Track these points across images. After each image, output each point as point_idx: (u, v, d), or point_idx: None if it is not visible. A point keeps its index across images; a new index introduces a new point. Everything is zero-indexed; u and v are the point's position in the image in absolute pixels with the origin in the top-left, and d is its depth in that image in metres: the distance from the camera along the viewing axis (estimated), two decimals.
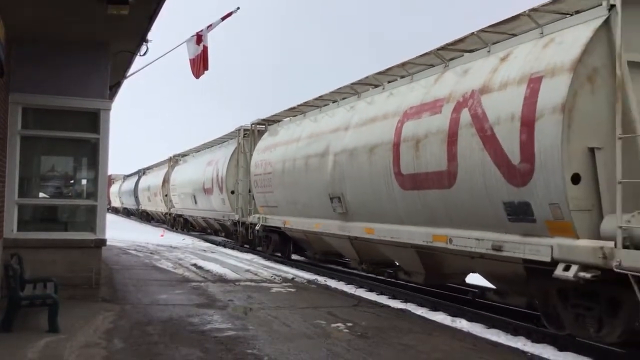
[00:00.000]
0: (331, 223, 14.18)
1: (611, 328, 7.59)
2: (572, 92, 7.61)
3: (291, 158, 16.22)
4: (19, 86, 10.33)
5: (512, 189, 8.47)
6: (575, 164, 7.60)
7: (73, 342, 7.19)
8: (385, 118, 11.86)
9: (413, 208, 10.88)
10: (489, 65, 9.59)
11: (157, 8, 8.94)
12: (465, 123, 9.39)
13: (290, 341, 7.61)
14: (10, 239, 10.05)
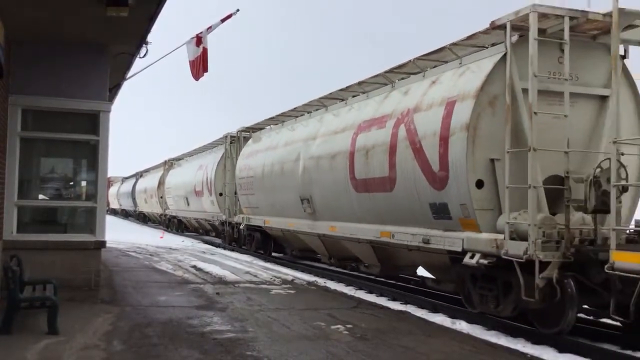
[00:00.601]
0: (303, 222, 15.84)
1: (505, 305, 9.24)
2: (476, 114, 9.36)
3: (270, 163, 17.94)
4: (18, 88, 10.34)
5: (434, 192, 10.18)
6: (478, 172, 9.34)
7: (72, 344, 7.18)
8: (344, 130, 13.62)
9: (365, 208, 12.58)
10: (422, 88, 11.29)
11: (157, 10, 8.95)
12: (402, 137, 11.10)
13: (289, 343, 7.61)
14: (10, 240, 10.05)
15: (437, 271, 11.61)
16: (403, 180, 11.05)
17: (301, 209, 15.58)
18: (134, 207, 49.83)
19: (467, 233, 9.65)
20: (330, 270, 16.27)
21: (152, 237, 30.48)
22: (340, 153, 13.40)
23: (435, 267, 11.55)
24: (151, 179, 41.92)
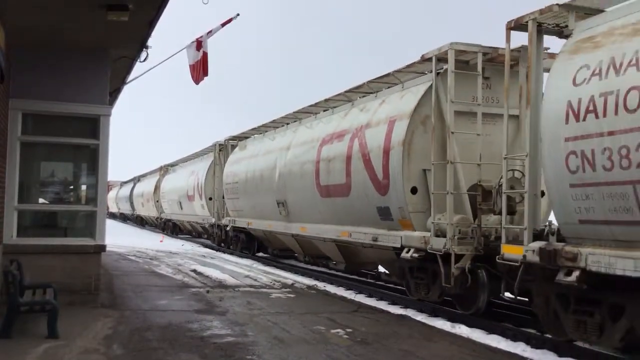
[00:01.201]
0: (279, 224, 17.73)
1: (433, 291, 11.10)
2: (410, 131, 11.26)
3: (252, 170, 19.81)
4: (19, 92, 10.34)
5: (380, 197, 11.99)
6: (413, 180, 11.25)
7: (72, 348, 7.19)
8: (312, 141, 15.47)
9: (328, 211, 14.43)
10: (373, 107, 13.16)
11: (157, 14, 8.95)
12: (356, 149, 12.92)
13: (289, 347, 7.61)
14: (10, 244, 10.04)
15: (387, 265, 13.41)
16: (356, 187, 12.92)
17: (277, 212, 17.46)
18: (132, 210, 51.23)
19: (404, 232, 11.54)
20: (330, 274, 16.32)
21: (152, 241, 30.48)
22: (309, 162, 15.23)
23: (385, 262, 13.32)
24: (148, 183, 43.53)
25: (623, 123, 6.91)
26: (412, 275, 11.66)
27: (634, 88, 6.83)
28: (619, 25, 7.56)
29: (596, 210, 7.39)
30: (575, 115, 7.57)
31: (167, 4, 8.49)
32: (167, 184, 36.62)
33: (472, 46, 10.77)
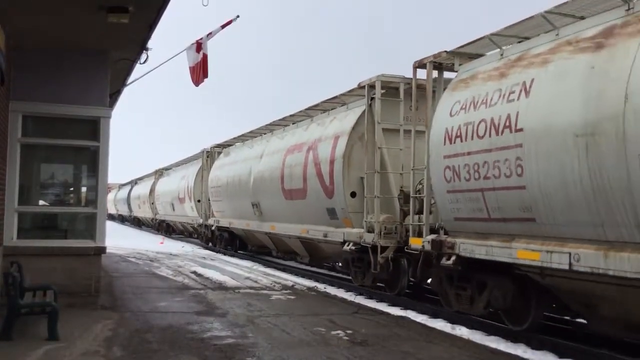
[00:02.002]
0: (255, 223, 20.10)
1: (367, 277, 13.31)
2: (350, 146, 13.77)
3: (232, 175, 22.04)
4: (19, 94, 10.36)
5: (328, 200, 14.44)
6: (352, 186, 13.69)
7: (72, 350, 7.18)
8: (279, 151, 17.85)
9: (291, 211, 16.70)
10: (326, 124, 15.66)
11: (157, 16, 8.97)
12: (311, 159, 15.29)
13: (290, 349, 7.60)
14: (10, 246, 10.06)
15: (337, 257, 15.71)
16: (311, 191, 15.25)
17: (253, 212, 19.82)
18: (130, 212, 53.35)
19: (346, 229, 13.97)
20: (331, 276, 16.37)
21: (152, 243, 30.49)
22: (276, 169, 17.52)
23: (336, 255, 15.43)
24: (144, 186, 45.74)
25: (475, 146, 9.13)
26: (353, 264, 13.96)
27: (482, 120, 9.02)
28: (482, 71, 9.78)
29: (463, 210, 9.61)
30: (449, 138, 9.77)
31: (167, 6, 8.52)
32: (161, 187, 38.64)
33: (397, 77, 13.07)
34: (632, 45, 7.10)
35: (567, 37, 8.33)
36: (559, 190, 7.73)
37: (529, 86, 8.39)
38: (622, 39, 7.36)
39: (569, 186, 7.58)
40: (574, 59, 7.89)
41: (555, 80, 8.01)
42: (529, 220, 8.32)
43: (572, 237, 7.72)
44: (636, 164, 6.65)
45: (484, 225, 9.23)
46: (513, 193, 8.46)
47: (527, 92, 8.36)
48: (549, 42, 8.64)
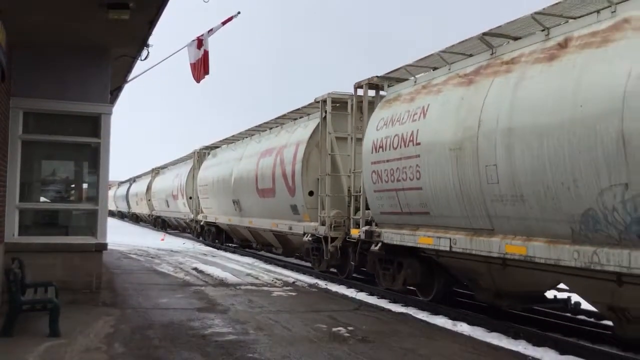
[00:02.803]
0: (236, 218, 22.49)
1: (323, 264, 15.68)
2: (308, 152, 16.07)
3: (217, 175, 24.38)
4: (20, 91, 10.35)
5: (291, 198, 16.81)
6: (310, 186, 15.93)
7: (74, 347, 7.19)
8: (255, 155, 20.34)
9: (264, 208, 19.24)
10: (291, 131, 18.10)
11: (158, 13, 8.96)
12: (278, 163, 17.64)
13: (291, 345, 7.61)
14: (12, 243, 10.06)
15: (303, 249, 17.17)
16: (278, 190, 17.71)
17: (234, 209, 22.30)
18: (128, 209, 55.69)
19: (305, 223, 16.29)
20: (332, 273, 16.36)
21: (153, 240, 30.52)
22: (252, 170, 19.98)
23: (301, 245, 17.11)
24: (141, 184, 48.05)
25: (392, 155, 11.50)
26: (312, 253, 16.29)
27: (397, 135, 11.40)
28: (401, 94, 12.20)
29: (385, 206, 11.98)
30: (375, 148, 12.11)
31: (167, 3, 8.51)
32: (157, 184, 40.91)
33: (346, 94, 15.13)
34: (487, 83, 9.35)
35: (457, 72, 10.62)
36: (442, 191, 10.09)
37: (426, 110, 10.77)
38: (483, 77, 9.65)
39: (448, 188, 9.89)
40: (454, 90, 10.24)
41: (442, 106, 10.33)
42: (425, 213, 10.79)
43: (452, 226, 10.12)
44: (484, 173, 9.00)
45: (398, 217, 11.70)
46: (414, 193, 10.90)
47: (425, 115, 10.75)
48: (444, 75, 11.00)
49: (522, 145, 8.27)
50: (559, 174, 7.70)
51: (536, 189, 8.09)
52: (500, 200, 8.84)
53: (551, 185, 7.84)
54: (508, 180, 8.57)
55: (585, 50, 7.68)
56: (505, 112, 8.67)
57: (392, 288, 12.37)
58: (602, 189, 7.21)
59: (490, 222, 9.18)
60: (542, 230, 8.20)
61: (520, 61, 8.95)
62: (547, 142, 7.86)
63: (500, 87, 9.01)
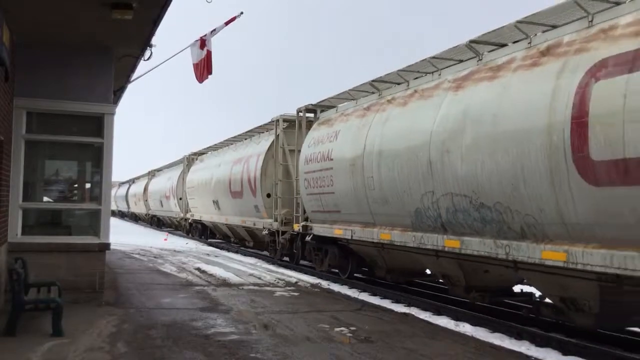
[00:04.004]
0: (216, 216, 26.39)
1: (277, 253, 18.96)
2: (266, 162, 19.57)
3: (201, 178, 28.13)
4: (23, 90, 10.35)
5: (254, 199, 20.43)
6: (268, 189, 19.33)
7: (77, 346, 7.21)
8: (229, 162, 24.10)
9: (236, 207, 22.88)
10: (256, 144, 21.87)
11: (161, 13, 8.96)
12: (245, 170, 21.31)
13: (293, 345, 7.61)
14: (15, 242, 10.07)
15: (266, 242, 20.28)
16: (244, 193, 21.36)
17: (214, 208, 26.06)
18: (128, 208, 59.53)
19: (264, 219, 19.82)
20: (334, 273, 16.36)
21: (156, 239, 30.55)
22: (227, 175, 23.62)
23: (263, 238, 20.59)
24: (139, 185, 51.85)
25: (316, 167, 15.09)
26: (269, 245, 19.79)
27: (319, 152, 14.98)
28: (327, 119, 15.92)
29: (314, 206, 15.58)
30: (306, 161, 15.80)
31: (170, 3, 8.49)
32: (152, 186, 44.22)
33: (293, 116, 18.07)
34: (372, 117, 13.02)
35: (360, 105, 14.29)
36: (346, 195, 13.67)
37: (338, 134, 14.43)
38: (370, 112, 13.24)
39: (349, 193, 13.45)
40: (355, 120, 13.84)
41: (347, 132, 13.94)
42: (338, 212, 14.38)
43: (353, 220, 13.74)
44: (367, 183, 12.51)
45: (322, 215, 15.34)
46: (330, 196, 14.50)
47: (337, 138, 14.37)
48: (352, 107, 14.87)
49: (386, 164, 11.81)
50: (403, 184, 11.26)
51: (393, 194, 11.65)
52: (376, 202, 12.39)
53: (400, 192, 11.40)
54: (379, 188, 12.09)
55: (419, 101, 11.46)
56: (378, 140, 12.22)
57: (322, 269, 16.12)
58: (422, 195, 10.71)
59: (373, 217, 12.80)
60: (398, 223, 11.83)
61: (391, 103, 12.58)
62: (397, 163, 11.42)
63: (378, 121, 12.62)
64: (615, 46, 7.39)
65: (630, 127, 6.83)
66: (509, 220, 8.77)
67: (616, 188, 7.08)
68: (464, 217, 9.75)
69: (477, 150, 9.26)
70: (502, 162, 8.71)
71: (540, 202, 8.14)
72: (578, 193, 7.55)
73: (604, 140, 7.16)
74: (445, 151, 9.96)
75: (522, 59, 9.12)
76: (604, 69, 7.39)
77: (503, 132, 8.74)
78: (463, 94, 10.04)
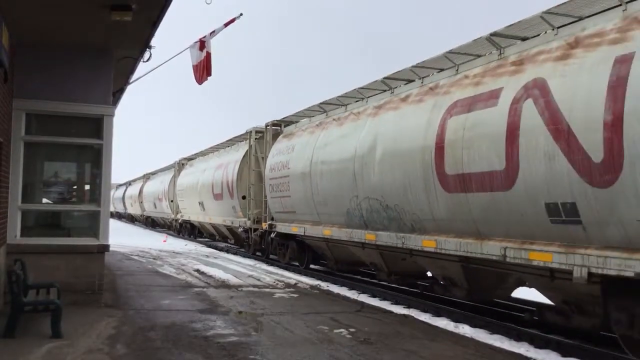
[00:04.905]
0: (201, 217, 29.16)
1: (251, 247, 21.86)
2: (241, 168, 22.57)
3: (190, 182, 30.87)
4: (22, 92, 10.35)
5: (232, 200, 23.12)
6: (242, 192, 22.18)
7: (76, 348, 7.20)
8: (213, 167, 26.72)
9: (218, 208, 25.63)
10: (235, 151, 24.65)
11: (160, 14, 8.95)
12: (224, 175, 24.17)
13: (293, 347, 7.61)
14: (14, 244, 10.05)
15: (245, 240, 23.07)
16: (224, 195, 24.17)
17: (200, 209, 28.79)
18: (125, 210, 62.42)
19: (240, 219, 22.49)
20: (334, 275, 16.39)
21: (155, 241, 30.55)
22: (210, 179, 26.33)
23: (241, 235, 23.32)
24: (135, 187, 54.69)
25: (277, 174, 17.67)
26: (245, 241, 22.52)
27: (280, 161, 17.62)
28: (288, 133, 18.62)
29: (277, 208, 18.14)
30: (271, 169, 18.45)
31: (170, 4, 8.49)
32: (147, 188, 46.89)
33: (261, 127, 20.93)
34: (318, 134, 15.69)
35: (314, 122, 16.95)
36: (300, 198, 16.20)
37: (294, 147, 17.05)
38: (317, 130, 16.16)
39: (301, 197, 16.10)
40: (305, 136, 16.69)
41: (301, 145, 16.60)
42: (294, 212, 16.91)
43: (306, 220, 16.22)
44: (313, 188, 15.14)
45: (283, 215, 17.92)
46: (288, 199, 17.04)
47: (293, 150, 16.99)
48: (306, 124, 17.64)
49: (326, 173, 14.56)
50: (337, 190, 13.98)
51: (331, 198, 14.42)
52: (320, 204, 15.05)
53: (336, 196, 14.12)
54: (322, 192, 14.82)
55: (351, 123, 14.15)
56: (322, 153, 14.95)
57: (284, 261, 18.81)
58: (350, 198, 13.38)
59: (319, 217, 15.36)
60: (336, 221, 14.41)
61: (334, 122, 15.31)
62: (334, 172, 14.14)
63: (322, 137, 15.28)
64: (464, 91, 10.01)
65: (465, 152, 9.47)
66: (403, 218, 11.49)
67: (459, 194, 9.69)
68: (377, 216, 12.43)
69: (383, 164, 11.98)
70: (398, 173, 11.41)
71: (420, 203, 10.83)
72: (440, 197, 10.22)
73: (452, 160, 9.79)
74: (364, 164, 12.68)
75: (415, 95, 11.81)
76: (455, 108, 9.97)
77: (399, 151, 11.44)
78: (378, 119, 12.77)
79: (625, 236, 7.06)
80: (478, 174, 9.16)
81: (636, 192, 6.82)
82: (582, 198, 7.43)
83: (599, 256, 7.28)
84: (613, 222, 7.16)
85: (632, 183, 6.84)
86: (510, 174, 8.50)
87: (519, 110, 8.41)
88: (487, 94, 9.30)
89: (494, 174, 8.84)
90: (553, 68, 8.18)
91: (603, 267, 7.22)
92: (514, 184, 8.46)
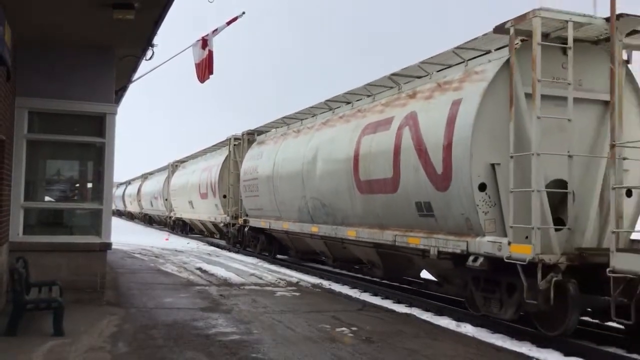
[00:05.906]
0: (191, 214, 32.21)
1: (230, 240, 25.36)
2: (222, 170, 25.83)
3: (182, 182, 34.10)
4: (25, 90, 10.37)
5: (215, 199, 26.58)
6: (224, 191, 25.48)
7: (78, 346, 7.20)
8: (199, 169, 29.89)
9: (204, 206, 28.48)
10: (218, 155, 27.84)
11: (163, 13, 8.96)
12: (209, 176, 27.53)
13: (294, 345, 7.60)
14: (16, 242, 10.08)
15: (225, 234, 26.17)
16: (208, 194, 27.20)
17: (190, 207, 31.81)
18: (124, 207, 65.22)
19: (222, 215, 25.63)
20: (336, 273, 16.39)
21: (157, 239, 30.57)
22: (197, 180, 29.51)
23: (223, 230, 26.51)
24: (134, 186, 57.62)
25: (249, 177, 20.71)
26: (226, 235, 25.31)
27: (250, 166, 20.78)
28: (260, 141, 21.53)
29: (250, 205, 21.06)
30: (244, 172, 21.44)
31: (172, 3, 8.50)
32: (145, 187, 49.76)
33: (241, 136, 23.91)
34: (280, 144, 18.74)
35: (279, 133, 19.67)
36: (265, 198, 19.00)
37: (262, 154, 19.81)
38: (280, 140, 18.98)
39: (267, 196, 18.77)
40: (271, 145, 19.46)
41: (267, 152, 19.46)
42: (262, 209, 19.80)
43: (271, 216, 18.95)
44: (274, 189, 18.19)
45: (255, 212, 20.68)
46: (257, 198, 19.90)
47: (262, 157, 19.71)
48: (273, 134, 20.42)
49: (284, 176, 17.35)
50: (292, 191, 16.75)
51: (287, 197, 17.21)
52: (280, 203, 17.92)
53: (292, 196, 16.78)
54: (282, 193, 17.61)
55: (303, 135, 16.97)
56: (281, 160, 17.89)
57: (255, 252, 21.62)
58: (300, 197, 16.19)
59: (280, 213, 18.14)
60: (292, 217, 17.19)
61: (293, 133, 18.24)
62: (290, 176, 16.85)
63: (283, 146, 18.22)
64: (373, 116, 12.92)
65: (371, 163, 12.40)
66: (336, 214, 14.41)
67: (368, 195, 12.63)
68: (319, 212, 15.27)
69: (322, 171, 14.89)
70: (331, 179, 14.35)
71: (345, 202, 13.78)
72: (357, 198, 13.15)
73: (363, 169, 12.70)
74: (309, 170, 15.54)
75: (347, 116, 14.76)
76: (367, 129, 12.86)
77: (333, 160, 14.34)
78: (320, 134, 15.75)
79: (456, 225, 10.01)
80: (379, 179, 12.09)
81: (459, 194, 9.67)
82: (434, 198, 10.44)
83: (443, 239, 10.26)
84: (450, 215, 10.10)
85: (457, 188, 9.72)
86: (396, 181, 11.49)
87: (401, 134, 11.38)
88: (385, 120, 12.25)
89: (387, 180, 11.75)
90: (422, 104, 11.12)
91: (445, 247, 10.19)
92: (398, 188, 11.41)
